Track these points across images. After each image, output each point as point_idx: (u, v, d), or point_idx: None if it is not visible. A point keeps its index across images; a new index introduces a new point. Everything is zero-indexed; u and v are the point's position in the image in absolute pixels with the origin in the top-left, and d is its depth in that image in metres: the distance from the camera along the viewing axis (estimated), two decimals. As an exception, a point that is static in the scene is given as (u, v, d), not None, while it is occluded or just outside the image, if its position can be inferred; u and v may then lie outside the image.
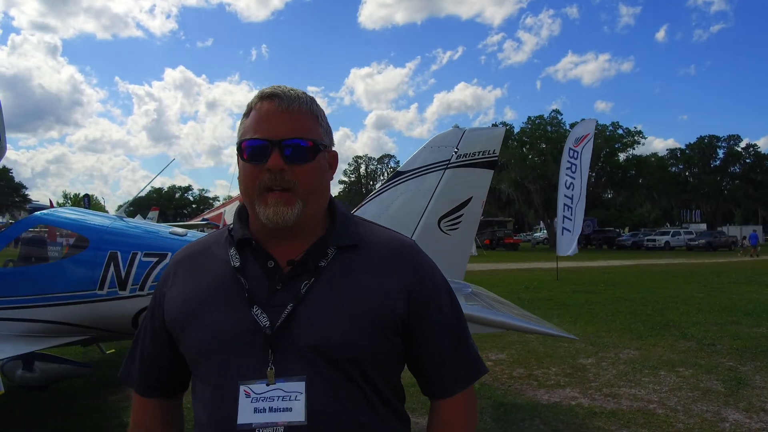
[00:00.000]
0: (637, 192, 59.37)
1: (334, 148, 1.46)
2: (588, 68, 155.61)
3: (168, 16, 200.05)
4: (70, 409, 6.00)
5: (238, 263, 1.35)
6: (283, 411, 1.23)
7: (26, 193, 68.66)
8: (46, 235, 6.01)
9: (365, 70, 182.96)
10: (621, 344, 9.00)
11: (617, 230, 60.10)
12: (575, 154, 18.99)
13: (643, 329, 10.22)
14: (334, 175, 1.52)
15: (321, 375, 1.26)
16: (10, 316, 5.07)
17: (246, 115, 1.38)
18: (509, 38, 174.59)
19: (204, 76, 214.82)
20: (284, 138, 1.30)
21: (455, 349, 1.43)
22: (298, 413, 1.23)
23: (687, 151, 63.96)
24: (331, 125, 1.44)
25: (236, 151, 1.36)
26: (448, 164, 5.32)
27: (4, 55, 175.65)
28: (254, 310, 1.29)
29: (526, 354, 8.35)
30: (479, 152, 5.32)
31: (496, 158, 5.47)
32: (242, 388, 1.25)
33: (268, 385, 1.25)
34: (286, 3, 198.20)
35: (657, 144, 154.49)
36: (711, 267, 26.30)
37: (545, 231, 59.77)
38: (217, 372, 1.29)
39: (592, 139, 19.62)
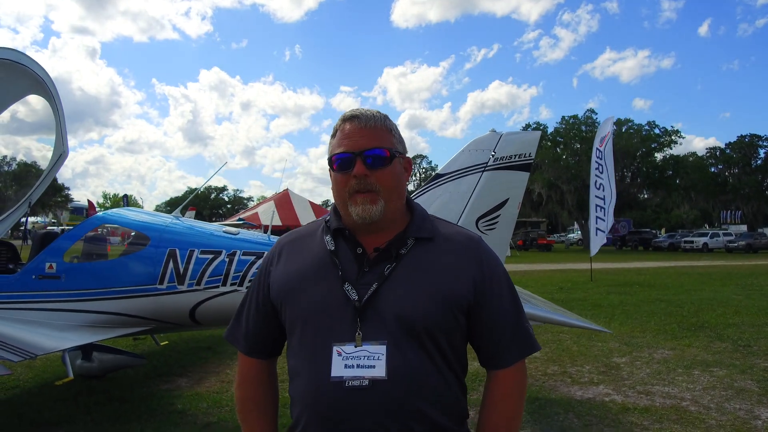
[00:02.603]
0: (674, 192, 58.19)
1: (408, 155, 1.78)
2: (627, 65, 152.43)
3: (203, 18, 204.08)
4: (126, 396, 6.37)
5: (333, 248, 1.67)
6: (367, 368, 1.52)
7: (68, 193, 70.60)
8: (111, 233, 6.43)
9: (399, 69, 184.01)
10: (655, 344, 9.06)
11: (653, 231, 59.03)
12: (601, 153, 18.93)
13: (678, 330, 10.23)
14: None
15: (398, 341, 1.55)
16: (79, 308, 5.48)
17: (333, 135, 1.71)
18: (546, 35, 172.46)
19: (238, 77, 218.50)
20: (365, 149, 1.62)
21: (512, 327, 1.70)
22: (380, 370, 1.52)
23: (727, 151, 62.36)
24: None
25: (328, 165, 1.69)
26: (485, 167, 5.56)
27: (45, 58, 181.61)
28: (346, 286, 1.59)
29: (560, 353, 8.49)
30: (516, 155, 5.55)
31: (532, 161, 5.68)
32: (335, 348, 1.55)
33: (356, 347, 1.54)
34: (320, 3, 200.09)
35: (697, 143, 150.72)
36: (750, 269, 25.77)
37: (579, 232, 59.10)
38: (315, 334, 1.60)
39: (611, 137, 19.69)
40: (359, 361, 1.53)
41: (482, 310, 1.66)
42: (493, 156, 5.54)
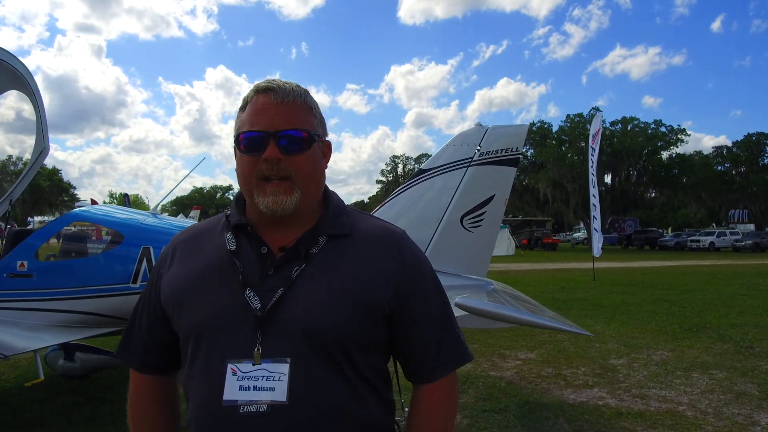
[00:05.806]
0: (680, 191, 57.73)
1: (327, 138, 1.52)
2: (637, 62, 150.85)
3: (209, 16, 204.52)
4: (107, 397, 6.22)
5: (234, 247, 1.42)
6: (266, 390, 1.28)
7: (75, 192, 70.79)
8: (84, 230, 6.28)
9: (406, 67, 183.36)
10: (655, 345, 8.83)
11: (660, 230, 58.60)
12: (593, 151, 18.91)
13: (679, 331, 9.99)
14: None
15: (305, 358, 1.31)
16: (51, 308, 5.33)
17: (242, 108, 1.44)
18: (555, 31, 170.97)
19: (244, 75, 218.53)
20: (280, 129, 1.36)
21: (439, 336, 1.47)
22: (280, 393, 1.28)
23: (734, 149, 61.85)
24: (369, 124, 1.53)
25: (233, 144, 1.42)
26: (471, 162, 5.36)
27: (51, 57, 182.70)
28: (247, 292, 1.35)
29: (556, 354, 8.28)
30: (502, 150, 5.34)
31: (519, 155, 5.49)
32: (229, 366, 1.31)
33: (254, 364, 1.30)
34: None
35: (707, 141, 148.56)
36: (757, 268, 25.39)
37: (585, 231, 58.76)
38: (207, 349, 1.35)
39: (600, 134, 19.92)
40: (257, 383, 1.30)
41: (405, 316, 1.42)
42: (478, 151, 5.34)
